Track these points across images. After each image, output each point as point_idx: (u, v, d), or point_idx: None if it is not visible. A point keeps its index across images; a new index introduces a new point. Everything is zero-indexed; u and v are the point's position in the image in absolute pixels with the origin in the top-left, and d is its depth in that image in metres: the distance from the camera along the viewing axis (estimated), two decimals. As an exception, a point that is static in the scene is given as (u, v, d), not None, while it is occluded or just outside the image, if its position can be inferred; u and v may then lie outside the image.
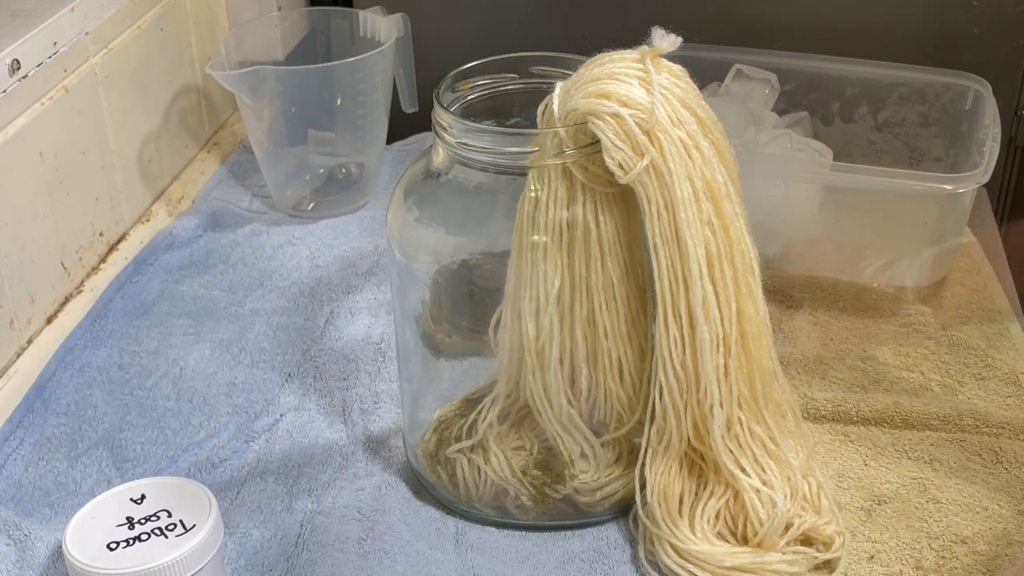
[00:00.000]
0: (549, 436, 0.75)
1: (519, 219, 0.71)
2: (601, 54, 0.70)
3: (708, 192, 0.68)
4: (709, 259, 0.69)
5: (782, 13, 1.20)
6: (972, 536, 0.76)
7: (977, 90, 1.07)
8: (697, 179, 0.68)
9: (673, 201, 0.67)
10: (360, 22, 1.12)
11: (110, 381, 0.91)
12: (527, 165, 0.69)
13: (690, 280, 0.69)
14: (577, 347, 0.72)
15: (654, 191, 0.67)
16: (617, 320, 0.71)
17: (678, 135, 0.67)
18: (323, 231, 1.10)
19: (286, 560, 0.75)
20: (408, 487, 0.81)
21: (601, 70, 0.68)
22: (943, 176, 0.95)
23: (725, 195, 0.69)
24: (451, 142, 0.71)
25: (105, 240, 1.06)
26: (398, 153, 1.22)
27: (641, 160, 0.67)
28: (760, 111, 1.07)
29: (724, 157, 0.70)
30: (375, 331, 0.96)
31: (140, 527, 0.66)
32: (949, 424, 0.85)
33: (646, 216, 0.68)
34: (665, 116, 0.67)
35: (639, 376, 0.74)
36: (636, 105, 0.67)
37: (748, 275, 0.71)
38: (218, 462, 0.83)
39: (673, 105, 0.67)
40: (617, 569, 0.74)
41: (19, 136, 0.91)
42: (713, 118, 0.70)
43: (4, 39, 0.91)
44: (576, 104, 0.68)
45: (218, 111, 1.27)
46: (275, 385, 0.91)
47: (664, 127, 0.67)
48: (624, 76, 0.68)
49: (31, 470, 0.83)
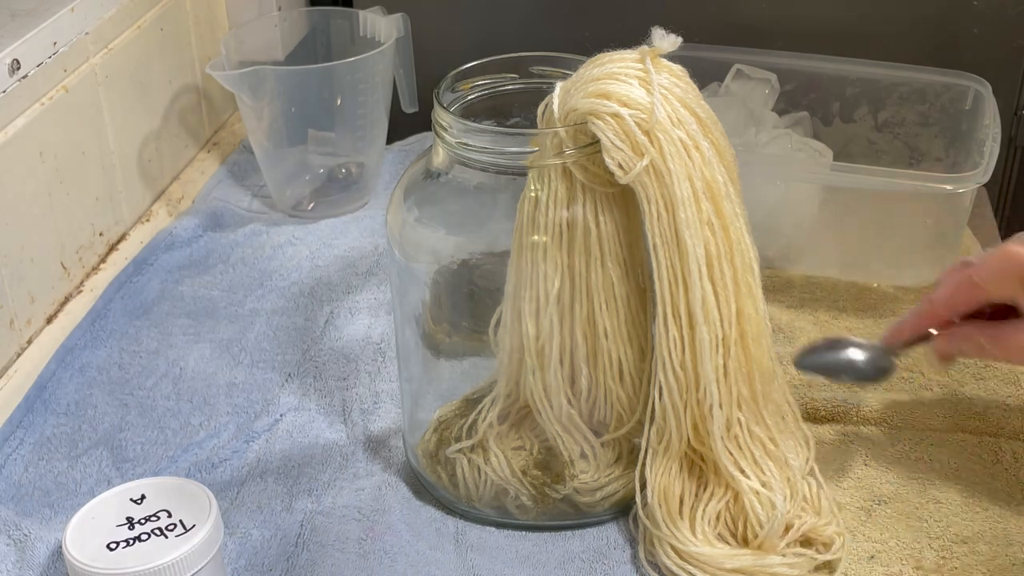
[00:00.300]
0: (549, 436, 0.75)
1: (519, 219, 0.71)
2: (601, 54, 0.70)
3: (708, 192, 0.68)
4: (709, 259, 0.69)
5: (782, 13, 1.20)
6: (972, 536, 0.76)
7: (977, 90, 1.07)
8: (697, 179, 0.68)
9: (673, 201, 0.67)
10: (360, 22, 1.12)
11: (110, 381, 0.91)
12: (527, 165, 0.69)
13: (690, 280, 0.69)
14: (577, 347, 0.72)
15: (654, 191, 0.67)
16: (617, 320, 0.71)
17: (678, 135, 0.67)
18: (323, 231, 1.10)
19: (286, 560, 0.75)
20: (408, 487, 0.81)
21: (601, 70, 0.68)
22: (943, 176, 0.95)
23: (725, 195, 0.69)
24: (451, 142, 0.71)
25: (105, 240, 1.06)
26: (398, 153, 1.22)
27: (641, 160, 0.67)
28: (760, 111, 1.07)
29: (724, 157, 0.70)
30: (375, 331, 0.96)
31: (140, 527, 0.66)
32: (949, 424, 0.85)
33: (646, 216, 0.68)
34: (665, 116, 0.67)
35: (639, 376, 0.74)
36: (636, 105, 0.67)
37: (748, 275, 0.71)
38: (218, 462, 0.83)
39: (673, 105, 0.67)
40: (617, 569, 0.74)
41: (19, 136, 0.91)
42: (713, 118, 0.70)
43: (4, 39, 0.91)
44: (576, 104, 0.68)
45: (218, 111, 1.27)
46: (275, 385, 0.91)
47: (664, 127, 0.67)
48: (624, 76, 0.68)
49: (31, 470, 0.83)
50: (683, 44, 0.68)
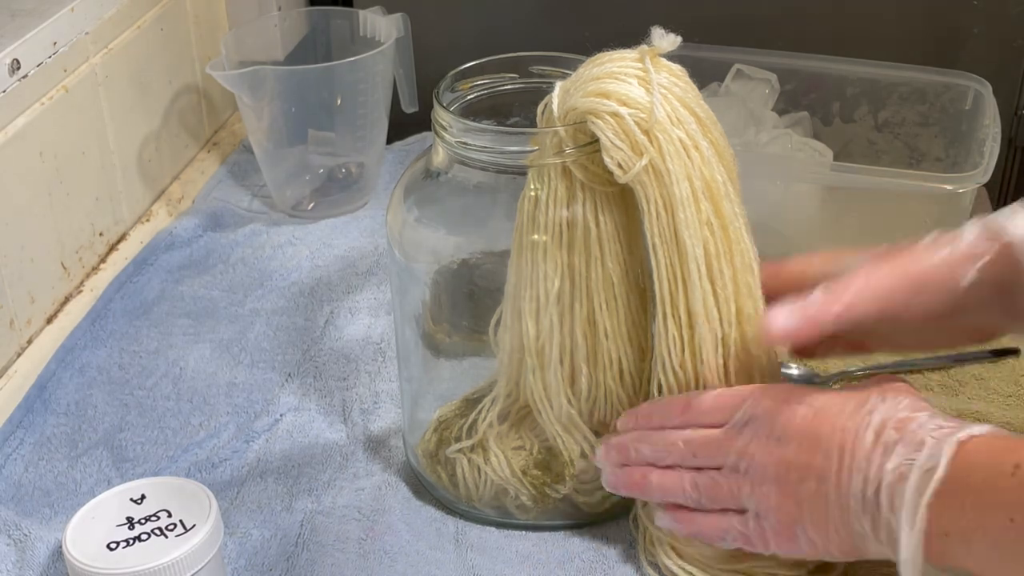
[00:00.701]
0: (549, 436, 0.75)
1: (519, 218, 0.70)
2: (601, 53, 0.70)
3: (707, 192, 0.68)
4: (708, 259, 0.69)
5: (782, 13, 1.20)
6: (972, 536, 0.76)
7: (977, 90, 1.07)
8: (696, 179, 0.68)
9: (672, 201, 0.67)
10: (360, 22, 1.12)
11: (110, 381, 0.91)
12: (527, 164, 0.69)
13: (689, 280, 0.69)
14: (577, 347, 0.72)
15: (653, 191, 0.67)
16: (617, 320, 0.71)
17: (677, 135, 0.67)
18: (323, 231, 1.10)
19: (286, 560, 0.75)
20: (408, 487, 0.81)
21: (600, 69, 0.68)
22: (943, 176, 0.95)
23: (724, 195, 0.69)
24: (451, 141, 0.71)
25: (105, 240, 1.06)
26: (398, 153, 1.22)
27: (640, 160, 0.67)
28: (760, 111, 1.07)
29: (723, 157, 0.69)
30: (375, 331, 0.96)
31: (140, 527, 0.66)
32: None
33: (645, 216, 0.68)
34: (664, 116, 0.67)
35: (639, 376, 0.74)
36: (635, 104, 0.67)
37: (747, 275, 0.71)
38: (218, 462, 0.83)
39: (672, 104, 0.67)
40: (617, 569, 0.74)
41: (19, 136, 0.91)
42: (712, 118, 0.70)
43: (4, 39, 0.91)
44: (575, 103, 0.68)
45: (218, 111, 1.27)
46: (275, 385, 0.91)
47: (663, 126, 0.67)
48: (623, 75, 0.68)
49: (31, 470, 0.83)
50: (683, 44, 0.68)
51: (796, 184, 0.99)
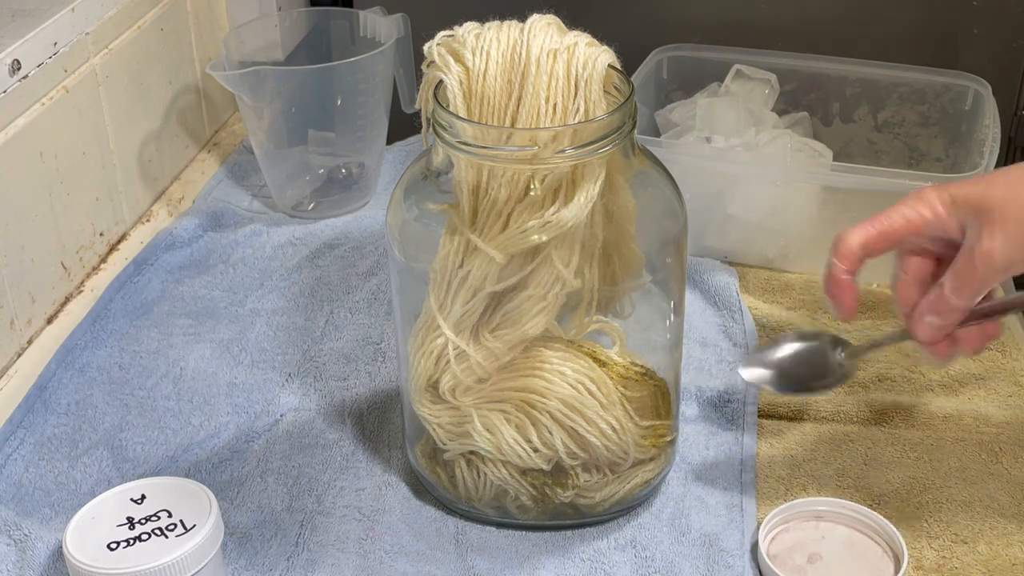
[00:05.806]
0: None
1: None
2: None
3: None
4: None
5: (782, 13, 1.20)
6: (972, 536, 0.76)
7: (977, 90, 1.07)
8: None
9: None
10: (360, 22, 1.12)
11: (110, 381, 0.91)
12: (527, 164, 0.69)
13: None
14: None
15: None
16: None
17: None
18: (323, 231, 1.10)
19: (286, 560, 0.75)
20: (408, 487, 0.81)
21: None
22: (943, 176, 0.95)
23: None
24: (451, 141, 0.71)
25: (105, 240, 1.06)
26: (398, 153, 1.22)
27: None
28: (760, 111, 1.07)
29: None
30: (375, 331, 0.96)
31: (140, 527, 0.66)
32: (949, 424, 0.85)
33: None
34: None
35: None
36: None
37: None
38: (218, 462, 0.83)
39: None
40: (617, 569, 0.74)
41: (19, 136, 0.91)
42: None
43: (4, 39, 0.91)
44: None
45: (218, 111, 1.27)
46: (275, 385, 0.91)
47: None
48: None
49: (31, 470, 0.83)
50: (683, 44, 0.68)
51: (796, 184, 0.99)
